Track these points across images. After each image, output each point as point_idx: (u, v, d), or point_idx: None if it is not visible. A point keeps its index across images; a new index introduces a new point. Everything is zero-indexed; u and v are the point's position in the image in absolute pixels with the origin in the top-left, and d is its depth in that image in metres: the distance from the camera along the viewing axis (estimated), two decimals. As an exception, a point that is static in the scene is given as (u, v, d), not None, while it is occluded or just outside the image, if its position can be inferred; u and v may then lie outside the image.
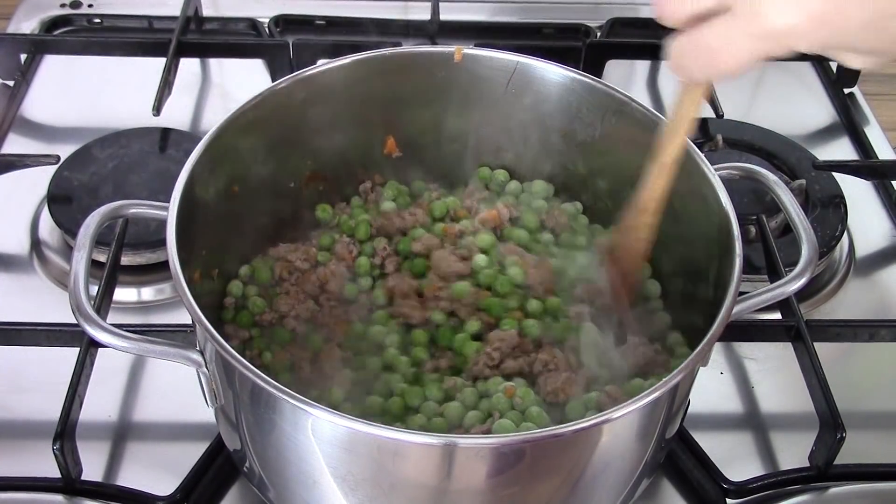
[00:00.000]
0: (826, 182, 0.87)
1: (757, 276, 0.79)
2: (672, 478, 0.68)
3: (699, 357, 0.53)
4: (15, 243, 0.82)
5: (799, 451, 0.68)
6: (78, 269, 0.57)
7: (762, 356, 0.76)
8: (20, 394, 0.71)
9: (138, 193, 0.81)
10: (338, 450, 0.52)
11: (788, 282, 0.61)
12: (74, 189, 0.82)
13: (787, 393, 0.74)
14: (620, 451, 0.55)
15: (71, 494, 0.63)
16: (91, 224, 0.60)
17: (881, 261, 0.86)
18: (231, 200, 0.67)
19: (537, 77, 0.69)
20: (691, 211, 0.64)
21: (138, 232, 0.77)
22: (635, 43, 1.05)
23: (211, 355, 0.55)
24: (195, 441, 0.67)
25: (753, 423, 0.72)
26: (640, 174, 0.59)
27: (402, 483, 0.53)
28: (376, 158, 0.74)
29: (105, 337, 0.55)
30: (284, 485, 0.58)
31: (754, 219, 0.80)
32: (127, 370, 0.72)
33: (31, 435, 0.68)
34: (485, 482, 0.52)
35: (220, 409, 0.59)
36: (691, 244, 0.65)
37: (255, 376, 0.50)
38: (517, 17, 1.10)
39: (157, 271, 0.79)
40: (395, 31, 1.03)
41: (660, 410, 0.55)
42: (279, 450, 0.55)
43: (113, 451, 0.68)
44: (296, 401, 0.49)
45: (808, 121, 1.00)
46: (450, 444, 0.49)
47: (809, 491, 0.66)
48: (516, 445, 0.51)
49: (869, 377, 0.77)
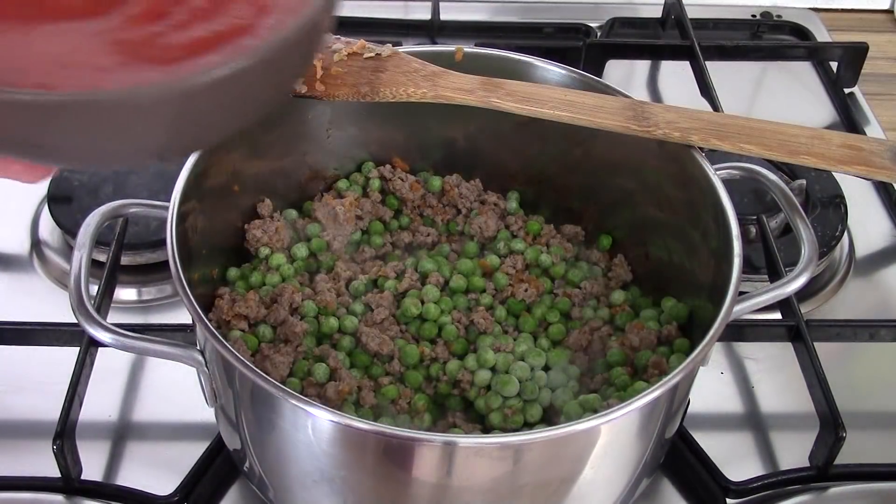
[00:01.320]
0: (826, 182, 0.87)
1: (757, 276, 0.79)
2: (672, 478, 0.68)
3: (699, 357, 0.53)
4: (15, 243, 0.82)
5: (799, 451, 0.68)
6: (78, 268, 0.57)
7: (762, 356, 0.76)
8: (20, 394, 0.71)
9: (138, 193, 0.81)
10: (338, 450, 0.52)
11: (788, 282, 0.61)
12: (74, 189, 0.82)
13: (787, 393, 0.74)
14: (620, 451, 0.55)
15: (71, 494, 0.63)
16: (91, 223, 0.60)
17: (881, 261, 0.86)
18: (231, 200, 0.67)
19: (537, 77, 0.69)
20: (691, 210, 0.64)
21: (138, 232, 0.77)
22: (635, 43, 1.05)
23: (211, 355, 0.55)
24: (195, 441, 0.67)
25: (753, 423, 0.72)
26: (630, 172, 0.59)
27: (401, 482, 0.53)
28: (376, 158, 0.74)
29: (105, 336, 0.55)
30: (284, 485, 0.58)
31: (754, 219, 0.80)
32: (127, 370, 0.72)
33: (30, 435, 0.68)
34: (484, 481, 0.52)
35: (221, 409, 0.59)
36: (691, 244, 0.65)
37: (255, 376, 0.50)
38: (517, 17, 1.10)
39: (157, 271, 0.79)
40: (395, 31, 1.03)
41: (659, 410, 0.55)
42: (279, 450, 0.55)
43: (113, 451, 0.68)
44: (296, 401, 0.49)
45: (808, 121, 1.00)
46: (450, 443, 0.49)
47: (809, 491, 0.66)
48: (516, 445, 0.51)
49: (869, 377, 0.77)
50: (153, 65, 0.40)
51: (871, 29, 1.15)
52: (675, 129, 0.63)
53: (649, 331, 0.64)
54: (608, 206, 0.72)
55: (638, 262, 0.71)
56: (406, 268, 0.69)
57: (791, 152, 0.63)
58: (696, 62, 0.99)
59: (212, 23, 0.41)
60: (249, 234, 0.69)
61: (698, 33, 1.02)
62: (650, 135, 0.63)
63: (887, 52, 1.11)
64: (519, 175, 0.75)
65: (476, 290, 0.69)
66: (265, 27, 0.41)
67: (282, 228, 0.69)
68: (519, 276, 0.69)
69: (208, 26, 0.41)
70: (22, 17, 0.40)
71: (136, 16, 0.41)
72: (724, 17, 1.11)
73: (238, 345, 0.61)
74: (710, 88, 0.94)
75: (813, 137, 0.64)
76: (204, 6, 0.41)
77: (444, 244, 0.73)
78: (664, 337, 0.64)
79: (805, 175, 0.87)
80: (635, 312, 0.68)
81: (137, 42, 0.40)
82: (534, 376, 0.63)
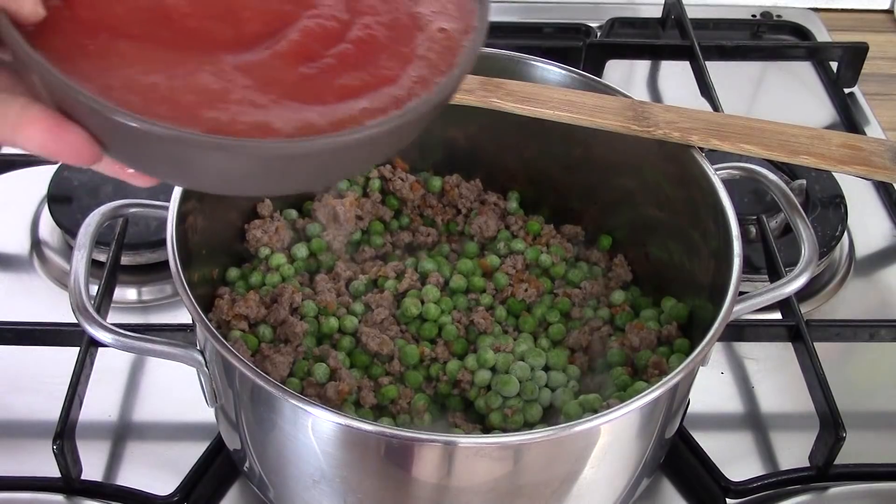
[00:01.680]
0: (826, 182, 0.87)
1: (757, 276, 0.79)
2: (672, 477, 0.68)
3: (699, 357, 0.53)
4: (15, 243, 0.82)
5: (799, 451, 0.68)
6: (78, 268, 0.57)
7: (762, 356, 0.76)
8: (20, 394, 0.71)
9: (138, 193, 0.80)
10: (338, 450, 0.52)
11: (788, 282, 0.61)
12: (74, 189, 0.82)
13: (787, 393, 0.74)
14: (620, 451, 0.55)
15: (71, 494, 0.63)
16: (91, 223, 0.60)
17: (881, 261, 0.86)
18: (231, 199, 0.67)
19: (537, 77, 0.68)
20: (691, 210, 0.64)
21: (138, 232, 0.77)
22: (635, 43, 1.05)
23: (211, 355, 0.55)
24: (195, 441, 0.67)
25: (753, 423, 0.72)
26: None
27: (402, 482, 0.53)
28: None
29: (105, 336, 0.55)
30: (284, 484, 0.58)
31: (754, 219, 0.80)
32: (127, 370, 0.72)
33: (31, 435, 0.68)
34: (484, 481, 0.52)
35: (221, 409, 0.59)
36: (691, 244, 0.65)
37: (255, 376, 0.50)
38: (517, 17, 1.10)
39: (157, 271, 0.79)
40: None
41: (659, 410, 0.55)
42: (279, 449, 0.55)
43: (113, 451, 0.68)
44: (296, 401, 0.49)
45: (808, 121, 1.00)
46: (450, 443, 0.49)
47: (809, 491, 0.66)
48: (516, 445, 0.51)
49: (869, 377, 0.77)
50: (308, 105, 0.40)
51: (871, 29, 1.15)
52: (675, 129, 0.63)
53: (649, 331, 0.64)
54: (608, 206, 0.72)
55: (638, 262, 0.71)
56: (406, 268, 0.69)
57: (791, 152, 0.63)
58: (696, 62, 0.99)
59: (360, 70, 0.41)
60: (249, 234, 0.69)
61: (698, 33, 1.02)
62: (650, 135, 0.63)
63: (887, 52, 1.11)
64: (519, 175, 0.75)
65: (476, 290, 0.69)
66: (409, 78, 0.42)
67: (282, 228, 0.69)
68: (519, 276, 0.69)
69: (356, 73, 0.41)
70: (169, 44, 0.40)
71: (284, 53, 0.41)
72: (724, 17, 1.11)
73: (238, 345, 0.61)
74: (710, 88, 0.94)
75: (813, 137, 0.64)
76: (352, 52, 0.41)
77: (444, 244, 0.73)
78: (664, 337, 0.64)
79: (805, 175, 0.87)
80: (635, 312, 0.68)
81: (289, 81, 0.40)
82: (534, 376, 0.63)
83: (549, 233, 0.73)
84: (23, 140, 0.38)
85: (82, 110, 0.37)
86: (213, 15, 0.41)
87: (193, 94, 0.38)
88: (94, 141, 0.39)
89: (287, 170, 0.40)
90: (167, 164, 0.40)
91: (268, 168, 0.39)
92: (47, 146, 0.38)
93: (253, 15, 0.41)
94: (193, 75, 0.39)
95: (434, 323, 0.66)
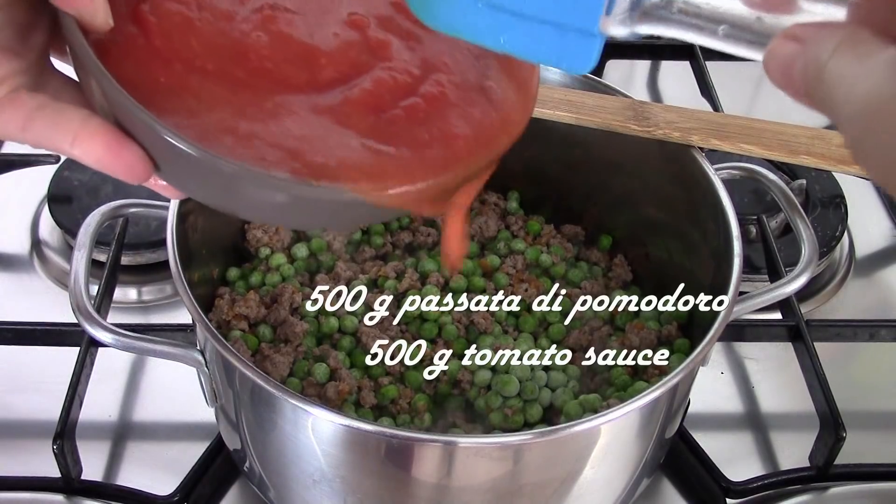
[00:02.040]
0: (826, 182, 0.87)
1: (757, 276, 0.79)
2: (672, 478, 0.68)
3: (699, 357, 0.53)
4: (15, 243, 0.82)
5: (799, 451, 0.68)
6: (78, 268, 0.57)
7: (762, 356, 0.76)
8: (20, 394, 0.71)
9: (138, 193, 0.80)
10: (338, 450, 0.52)
11: (788, 282, 0.61)
12: (74, 189, 0.82)
13: (787, 393, 0.74)
14: (620, 451, 0.55)
15: (71, 494, 0.63)
16: (91, 223, 0.60)
17: (881, 261, 0.86)
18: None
19: (537, 77, 0.68)
20: (691, 210, 0.64)
21: (138, 232, 0.78)
22: (635, 43, 1.05)
23: (211, 355, 0.55)
24: (195, 441, 0.67)
25: (753, 423, 0.72)
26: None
27: (401, 482, 0.53)
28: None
29: (105, 336, 0.55)
30: (284, 484, 0.58)
31: (754, 219, 0.80)
32: (127, 370, 0.72)
33: (30, 435, 0.68)
34: (484, 481, 0.52)
35: (221, 409, 0.59)
36: (691, 244, 0.65)
37: (255, 376, 0.50)
38: (517, 17, 1.10)
39: (157, 271, 0.79)
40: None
41: (659, 410, 0.55)
42: (279, 449, 0.55)
43: (113, 451, 0.68)
44: (296, 401, 0.49)
45: (808, 121, 1.00)
46: (450, 443, 0.49)
47: (809, 491, 0.66)
48: (516, 445, 0.51)
49: (869, 377, 0.77)
50: (393, 146, 0.41)
51: (871, 29, 1.15)
52: (675, 129, 0.63)
53: (649, 331, 0.64)
54: (608, 206, 0.72)
55: (638, 262, 0.71)
56: (406, 268, 0.69)
57: (791, 152, 0.63)
58: (696, 62, 0.99)
59: (428, 124, 0.42)
60: (249, 234, 0.69)
61: (698, 33, 1.02)
62: (650, 135, 0.63)
63: (887, 52, 1.11)
64: (519, 175, 0.75)
65: (476, 290, 0.69)
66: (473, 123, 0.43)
67: (282, 228, 0.69)
68: (519, 276, 0.69)
69: (424, 127, 0.42)
70: (242, 83, 0.40)
71: (356, 100, 0.41)
72: (724, 17, 1.11)
73: (238, 345, 0.61)
74: (710, 88, 0.94)
75: (813, 137, 0.64)
76: (422, 106, 0.42)
77: (445, 244, 0.73)
78: (664, 337, 0.64)
79: (805, 175, 0.87)
80: (635, 312, 0.68)
81: (360, 128, 0.41)
82: (534, 376, 0.63)
83: (549, 233, 0.73)
84: (80, 152, 0.39)
85: (150, 135, 0.37)
86: (291, 59, 0.41)
87: (271, 135, 0.39)
88: (148, 160, 0.39)
89: (345, 214, 0.41)
90: (219, 193, 0.40)
91: (333, 212, 0.40)
92: (103, 161, 0.38)
93: (329, 62, 0.42)
94: (265, 113, 0.40)
95: (434, 323, 0.66)
